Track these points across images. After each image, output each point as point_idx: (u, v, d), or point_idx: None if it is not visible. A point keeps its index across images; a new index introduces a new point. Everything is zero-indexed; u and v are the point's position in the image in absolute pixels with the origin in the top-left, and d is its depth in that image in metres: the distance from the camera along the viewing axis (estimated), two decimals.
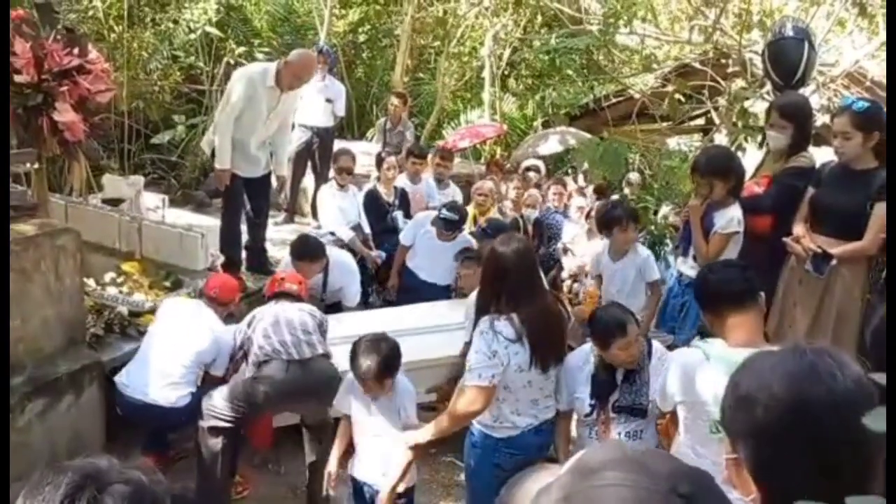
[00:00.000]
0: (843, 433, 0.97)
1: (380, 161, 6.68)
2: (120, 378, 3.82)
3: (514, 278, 2.92)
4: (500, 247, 3.00)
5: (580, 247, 6.48)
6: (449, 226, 5.32)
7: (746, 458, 1.04)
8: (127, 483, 1.22)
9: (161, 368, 3.75)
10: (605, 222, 4.48)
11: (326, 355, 3.80)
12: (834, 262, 3.40)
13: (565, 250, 6.57)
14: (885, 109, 3.45)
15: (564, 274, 6.39)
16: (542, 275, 3.27)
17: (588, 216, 6.84)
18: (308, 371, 3.69)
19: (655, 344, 3.16)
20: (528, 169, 8.18)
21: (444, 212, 5.38)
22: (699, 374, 2.49)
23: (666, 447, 2.83)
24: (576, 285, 6.21)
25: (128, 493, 1.20)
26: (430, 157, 6.91)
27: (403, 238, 5.68)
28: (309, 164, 7.51)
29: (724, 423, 1.10)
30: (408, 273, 5.62)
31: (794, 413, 0.99)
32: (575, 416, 3.20)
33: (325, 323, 3.99)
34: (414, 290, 5.42)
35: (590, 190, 7.80)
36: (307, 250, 4.80)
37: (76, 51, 4.19)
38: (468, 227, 6.16)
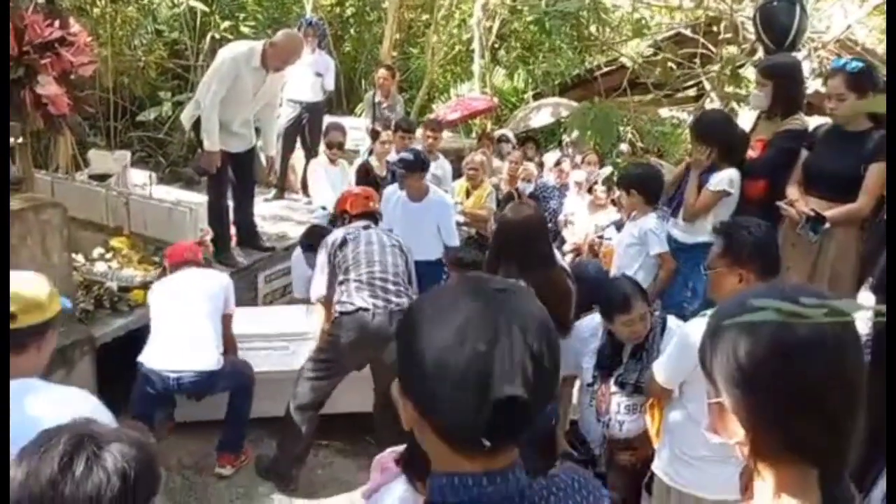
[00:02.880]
0: (828, 365, 0.95)
1: (375, 134, 6.61)
2: (146, 362, 3.73)
3: (519, 245, 2.91)
4: (508, 214, 3.07)
5: (581, 220, 6.48)
6: (408, 165, 4.99)
7: (729, 400, 1.01)
8: (125, 441, 1.21)
9: (192, 336, 3.74)
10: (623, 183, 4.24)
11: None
12: (827, 224, 3.39)
13: (566, 223, 6.56)
14: (877, 71, 3.43)
15: (567, 247, 6.37)
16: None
17: (590, 190, 6.83)
18: (390, 323, 3.62)
19: (671, 322, 3.06)
20: (499, 140, 8.16)
21: (397, 160, 5.22)
22: None
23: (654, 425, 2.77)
24: (578, 259, 6.20)
25: (127, 452, 1.19)
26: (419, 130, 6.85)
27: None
28: (299, 139, 7.44)
29: (705, 366, 1.07)
30: None
31: (777, 352, 0.96)
32: (578, 382, 3.20)
33: (412, 259, 4.01)
34: None
35: (585, 162, 7.76)
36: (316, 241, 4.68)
37: (57, 23, 4.11)
38: (460, 198, 6.13)
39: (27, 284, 1.98)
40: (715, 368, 1.03)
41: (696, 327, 2.38)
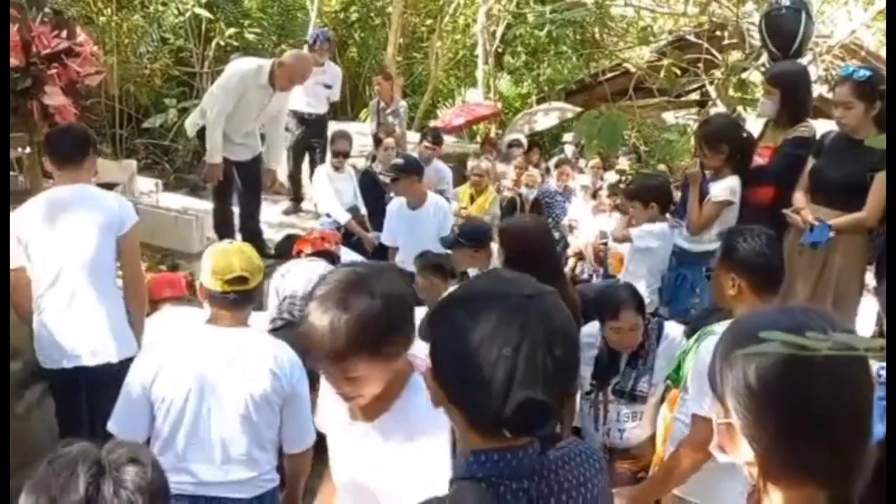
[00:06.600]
0: (837, 391, 0.96)
1: (378, 141, 6.63)
2: None
3: (532, 257, 2.90)
4: (518, 222, 3.08)
5: (586, 224, 6.49)
6: (399, 169, 4.98)
7: (739, 420, 1.02)
8: (136, 464, 1.22)
9: None
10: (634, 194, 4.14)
11: None
12: (832, 233, 3.38)
13: (571, 228, 6.57)
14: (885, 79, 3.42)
15: (569, 251, 6.39)
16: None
17: (595, 195, 6.84)
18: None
19: (668, 328, 3.03)
20: (510, 145, 8.18)
21: (390, 166, 5.27)
22: None
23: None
24: (580, 263, 6.22)
25: (140, 473, 1.21)
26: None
27: (384, 239, 5.39)
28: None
29: (715, 386, 1.07)
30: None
31: (787, 375, 0.96)
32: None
33: None
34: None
35: (589, 167, 7.77)
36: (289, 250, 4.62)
37: (64, 34, 4.14)
38: (464, 203, 6.14)
39: (249, 252, 2.36)
40: (725, 390, 1.04)
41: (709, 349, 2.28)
